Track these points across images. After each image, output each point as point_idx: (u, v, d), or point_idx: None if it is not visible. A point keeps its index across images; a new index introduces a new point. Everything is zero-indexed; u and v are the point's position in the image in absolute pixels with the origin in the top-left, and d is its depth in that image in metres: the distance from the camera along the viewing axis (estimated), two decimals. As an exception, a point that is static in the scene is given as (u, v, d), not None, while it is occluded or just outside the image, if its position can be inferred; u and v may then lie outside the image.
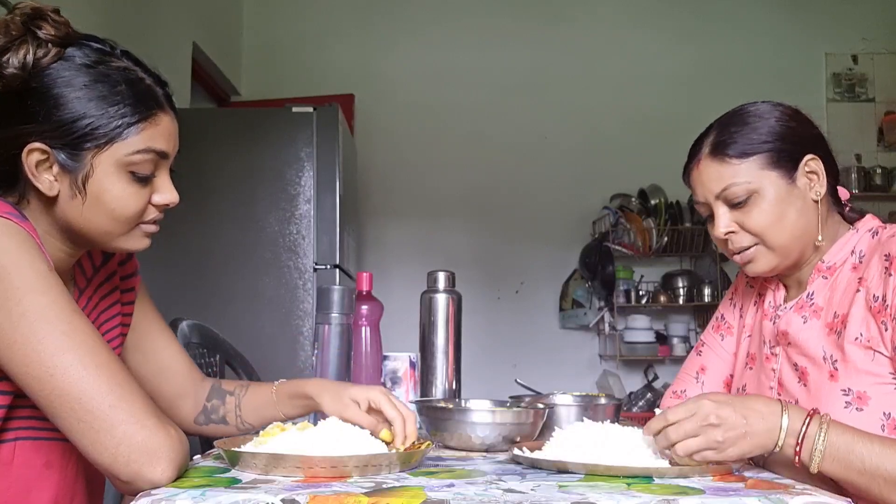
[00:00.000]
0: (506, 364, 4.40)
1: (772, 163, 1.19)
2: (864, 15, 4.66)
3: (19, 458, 0.97)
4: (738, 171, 1.19)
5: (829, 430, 0.98)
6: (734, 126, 1.22)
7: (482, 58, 4.65)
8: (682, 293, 4.43)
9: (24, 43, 0.94)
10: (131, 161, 0.97)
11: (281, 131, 3.10)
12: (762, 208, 1.19)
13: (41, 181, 0.95)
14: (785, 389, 1.23)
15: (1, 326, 0.86)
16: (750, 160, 1.19)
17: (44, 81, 0.94)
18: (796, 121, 1.23)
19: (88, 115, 0.94)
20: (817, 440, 0.98)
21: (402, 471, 0.93)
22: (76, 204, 0.97)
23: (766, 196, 1.19)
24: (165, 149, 1.00)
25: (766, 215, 1.19)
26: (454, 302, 1.54)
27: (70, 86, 0.95)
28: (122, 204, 0.98)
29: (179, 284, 2.94)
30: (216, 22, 4.22)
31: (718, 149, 1.22)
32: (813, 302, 1.22)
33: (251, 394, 1.22)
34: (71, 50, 0.96)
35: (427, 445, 1.03)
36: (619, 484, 0.86)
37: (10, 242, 0.89)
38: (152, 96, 1.00)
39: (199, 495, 0.78)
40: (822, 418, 1.00)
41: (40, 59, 0.94)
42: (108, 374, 0.87)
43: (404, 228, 4.60)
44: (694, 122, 1.44)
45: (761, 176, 1.19)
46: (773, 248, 1.21)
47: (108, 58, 0.98)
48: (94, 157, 0.95)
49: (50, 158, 0.95)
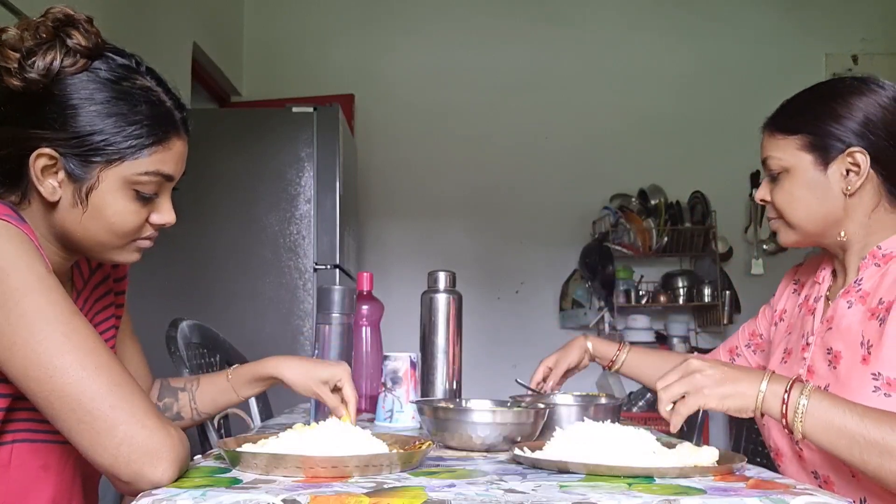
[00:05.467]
0: (506, 364, 4.40)
1: (809, 146, 1.19)
2: (864, 15, 4.66)
3: (16, 460, 0.97)
4: (778, 146, 1.22)
5: (812, 396, 1.02)
6: (799, 101, 1.24)
7: (482, 58, 4.65)
8: (682, 293, 4.43)
9: (52, 49, 0.93)
10: (138, 181, 0.97)
11: (281, 131, 3.10)
12: (785, 188, 1.22)
13: (44, 186, 0.95)
14: (815, 374, 1.22)
15: (0, 328, 0.86)
16: (791, 138, 1.21)
17: (65, 90, 0.94)
18: (883, 109, 1.17)
19: (104, 132, 0.94)
20: (799, 403, 1.01)
21: (402, 471, 0.93)
22: (76, 213, 0.97)
23: (794, 177, 1.21)
24: (173, 173, 1.01)
25: (786, 195, 1.22)
26: (455, 302, 1.54)
27: (90, 99, 0.94)
28: (122, 219, 0.98)
29: (179, 284, 2.94)
30: (217, 22, 4.22)
31: (773, 119, 1.25)
32: (860, 288, 1.20)
33: (204, 385, 1.26)
34: (97, 62, 0.96)
35: (428, 445, 1.03)
36: (621, 484, 0.86)
37: (8, 244, 0.89)
38: (170, 120, 1.00)
39: (200, 495, 0.78)
40: (804, 385, 1.03)
41: (66, 68, 0.94)
42: (107, 375, 0.87)
43: (404, 228, 4.60)
44: (694, 122, 1.45)
45: (796, 156, 1.20)
46: (791, 226, 1.24)
47: (133, 75, 0.98)
48: (102, 170, 0.96)
49: (57, 165, 0.95)
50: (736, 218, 4.57)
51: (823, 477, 1.16)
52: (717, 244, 4.41)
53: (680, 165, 4.49)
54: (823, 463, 1.16)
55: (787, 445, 1.24)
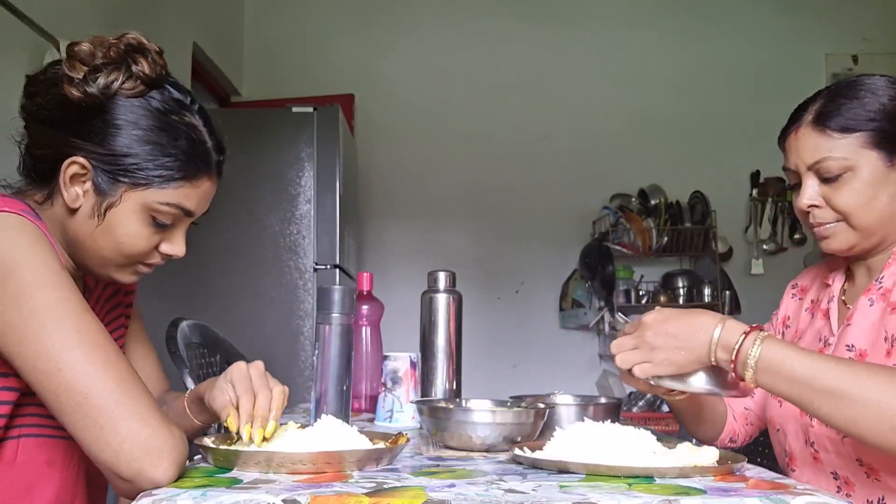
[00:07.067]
0: (506, 364, 4.41)
1: (873, 142, 1.14)
2: (864, 15, 4.66)
3: (22, 455, 0.98)
4: (837, 146, 1.15)
5: (764, 344, 1.01)
6: (843, 97, 1.17)
7: (482, 58, 4.65)
8: (682, 293, 4.42)
9: (117, 70, 0.98)
10: (157, 209, 1.01)
11: (281, 131, 3.10)
12: (853, 187, 1.15)
13: (69, 191, 0.99)
14: None
15: (11, 321, 0.87)
16: (852, 136, 1.15)
17: (115, 109, 0.98)
18: None
19: (139, 156, 0.98)
20: (751, 352, 1.01)
21: (388, 466, 0.93)
22: (91, 224, 1.00)
23: (861, 175, 1.15)
24: (193, 209, 1.05)
25: (855, 195, 1.15)
26: (455, 302, 1.54)
27: (135, 124, 0.98)
28: (132, 241, 1.01)
29: (179, 284, 2.94)
30: (217, 22, 4.22)
31: (821, 118, 1.17)
32: (882, 286, 1.19)
33: (172, 404, 1.18)
34: (153, 91, 1.01)
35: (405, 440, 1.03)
36: (621, 484, 0.86)
37: (22, 238, 0.91)
38: (205, 160, 1.04)
39: (200, 495, 0.78)
40: (758, 334, 1.03)
41: (124, 90, 0.98)
42: (115, 372, 0.88)
43: (404, 228, 4.60)
44: (694, 122, 1.45)
45: (860, 154, 1.14)
46: (856, 228, 1.17)
47: (182, 111, 1.02)
48: (127, 191, 0.99)
49: (87, 175, 0.98)
50: (736, 218, 4.58)
51: (843, 478, 1.16)
52: (717, 244, 4.41)
53: (680, 165, 4.49)
54: (840, 462, 1.16)
55: (801, 450, 1.23)
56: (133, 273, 1.06)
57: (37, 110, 1.00)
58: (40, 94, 1.00)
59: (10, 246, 0.90)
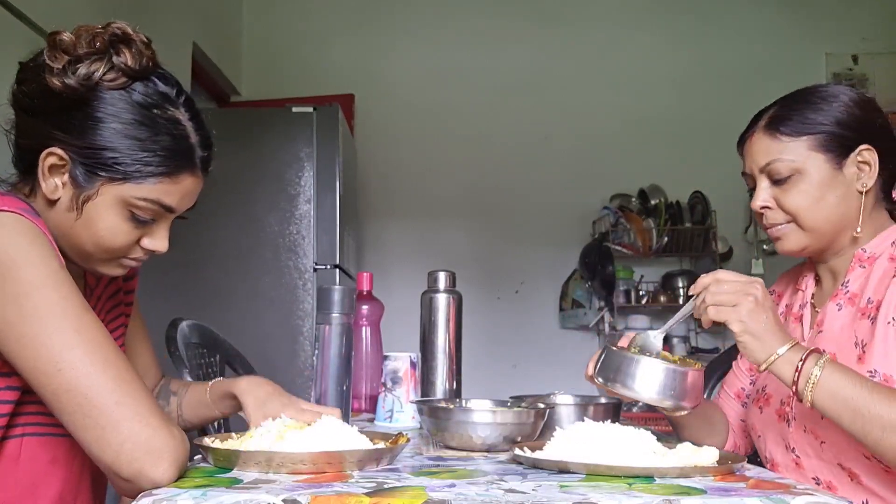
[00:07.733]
0: (506, 364, 4.40)
1: (822, 145, 1.18)
2: (864, 15, 4.66)
3: (25, 453, 0.98)
4: (786, 149, 1.19)
5: (826, 366, 1.03)
6: (797, 103, 1.21)
7: (482, 58, 4.65)
8: (682, 293, 4.42)
9: (99, 61, 0.95)
10: (135, 203, 0.98)
11: (281, 131, 3.10)
12: (801, 189, 1.19)
13: (47, 182, 0.97)
14: None
15: (11, 321, 0.87)
16: (801, 140, 1.19)
17: (95, 102, 0.96)
18: (862, 109, 1.20)
19: (117, 150, 0.96)
20: (813, 371, 1.03)
21: (389, 466, 0.93)
22: (70, 217, 0.98)
23: (809, 177, 1.18)
24: (174, 205, 1.01)
25: (803, 196, 1.19)
26: (455, 302, 1.54)
27: (115, 117, 0.96)
28: (110, 236, 0.99)
29: (179, 284, 2.94)
30: (216, 22, 4.21)
31: (774, 123, 1.21)
32: (848, 290, 1.21)
33: (190, 394, 1.23)
34: (137, 84, 0.97)
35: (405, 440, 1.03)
36: (621, 484, 0.86)
37: (22, 238, 0.90)
38: (187, 156, 1.00)
39: (200, 495, 0.78)
40: (820, 355, 1.05)
41: (105, 82, 0.96)
42: (115, 372, 0.88)
43: (404, 228, 4.60)
44: (693, 123, 1.45)
45: (808, 157, 1.18)
46: (805, 229, 1.21)
47: (166, 104, 0.99)
48: (104, 185, 0.97)
49: (65, 167, 0.96)
50: (736, 218, 4.57)
51: (826, 483, 1.16)
52: (717, 244, 4.40)
53: (680, 165, 4.48)
54: (822, 467, 1.16)
55: (783, 455, 1.24)
56: (118, 266, 1.04)
57: (22, 98, 0.98)
58: (27, 81, 0.98)
59: (10, 245, 0.89)
